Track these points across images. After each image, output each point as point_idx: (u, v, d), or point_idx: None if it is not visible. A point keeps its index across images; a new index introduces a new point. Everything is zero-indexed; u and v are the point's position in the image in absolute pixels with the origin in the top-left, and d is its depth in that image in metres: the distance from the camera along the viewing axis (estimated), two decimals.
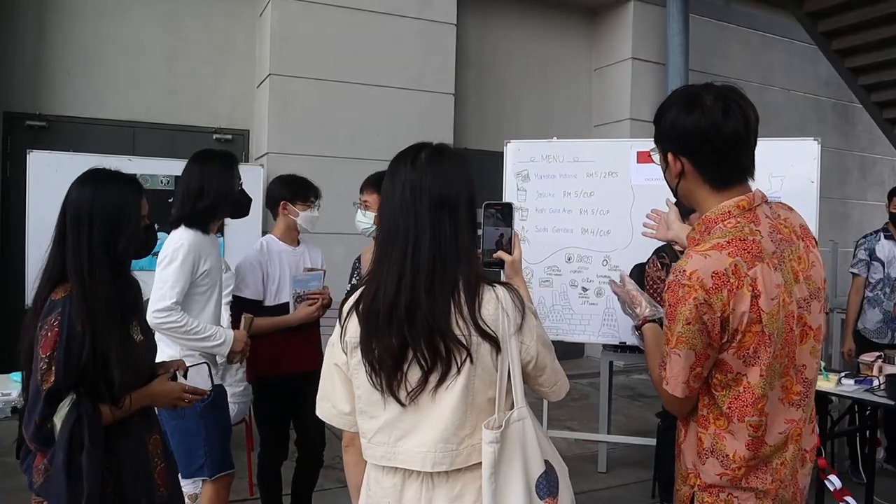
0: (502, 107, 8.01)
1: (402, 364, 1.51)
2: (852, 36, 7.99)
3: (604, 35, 8.68)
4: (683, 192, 1.71)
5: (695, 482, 1.68)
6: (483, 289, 1.53)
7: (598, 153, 4.67)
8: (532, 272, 4.68)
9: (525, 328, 1.55)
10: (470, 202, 1.59)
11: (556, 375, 1.66)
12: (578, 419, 6.00)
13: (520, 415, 1.55)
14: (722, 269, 1.54)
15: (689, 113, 1.63)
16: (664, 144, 1.70)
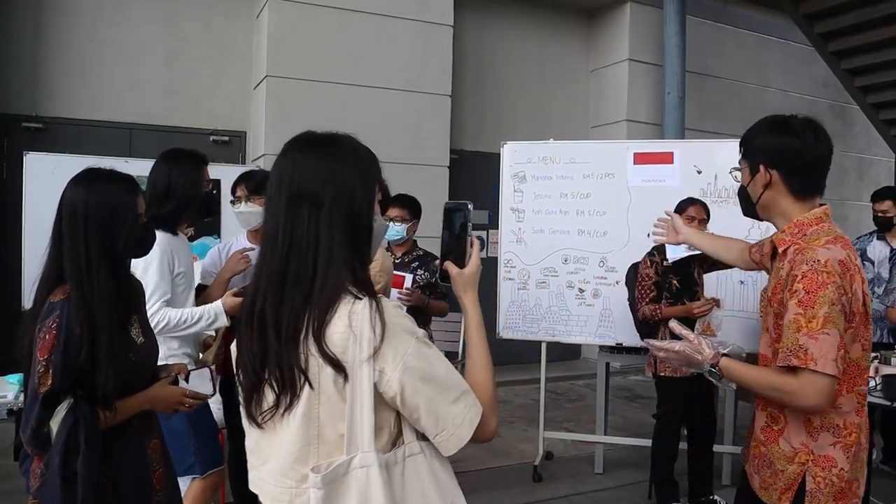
0: (499, 108, 8.02)
1: (260, 382, 1.33)
2: (849, 37, 8.01)
3: (601, 36, 8.69)
4: (767, 200, 1.98)
5: (806, 459, 1.87)
6: (340, 303, 1.29)
7: (594, 154, 4.68)
8: (529, 273, 4.69)
9: (386, 356, 1.26)
10: (344, 200, 1.34)
11: (441, 423, 1.30)
12: (575, 420, 6.00)
13: (363, 461, 1.27)
14: (844, 259, 1.83)
15: (782, 134, 1.93)
16: (756, 158, 1.97)
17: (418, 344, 1.30)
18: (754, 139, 1.99)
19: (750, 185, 2.00)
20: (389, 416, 1.32)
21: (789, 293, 1.83)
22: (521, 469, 4.73)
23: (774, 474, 1.93)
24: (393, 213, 3.97)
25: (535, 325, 4.70)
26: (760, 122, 2.02)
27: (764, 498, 1.96)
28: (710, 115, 8.85)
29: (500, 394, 7.07)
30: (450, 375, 1.33)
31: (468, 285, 1.50)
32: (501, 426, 5.78)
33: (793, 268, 1.85)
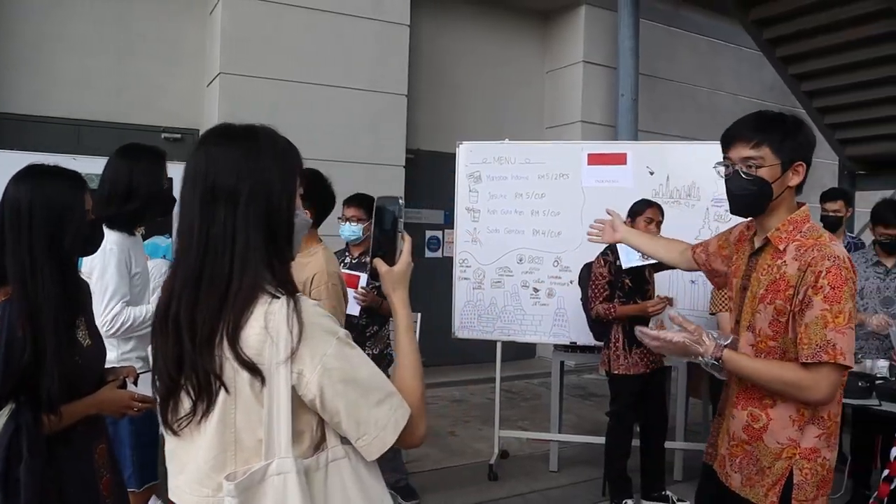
0: (455, 108, 8.03)
1: (176, 388, 1.28)
2: (796, 43, 8.22)
3: (556, 38, 8.77)
4: (784, 197, 1.99)
5: (793, 453, 1.92)
6: (257, 304, 1.24)
7: (549, 155, 4.72)
8: (484, 273, 4.71)
9: (304, 358, 1.22)
10: (262, 195, 1.28)
11: (363, 426, 1.25)
12: (530, 419, 6.05)
13: (280, 468, 1.22)
14: (848, 255, 1.90)
15: (806, 131, 2.01)
16: (793, 154, 1.96)
17: (339, 344, 1.25)
18: (789, 135, 1.96)
19: (778, 181, 1.95)
20: (311, 420, 1.27)
21: (813, 290, 1.84)
22: (476, 468, 4.75)
23: (761, 471, 1.96)
24: (349, 213, 3.95)
25: (491, 325, 4.72)
26: (784, 116, 2.01)
27: (749, 496, 1.99)
28: (663, 117, 8.99)
29: (455, 393, 7.16)
30: (374, 377, 1.28)
31: (398, 283, 1.44)
32: (457, 425, 5.80)
33: (811, 263, 1.86)
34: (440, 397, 6.79)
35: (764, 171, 1.94)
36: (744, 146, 1.96)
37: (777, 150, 1.94)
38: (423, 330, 5.29)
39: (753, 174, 1.94)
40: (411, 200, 7.33)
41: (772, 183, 1.94)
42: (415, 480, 4.32)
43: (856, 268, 1.93)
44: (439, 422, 5.93)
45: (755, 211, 2.01)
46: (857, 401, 3.43)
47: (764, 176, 1.94)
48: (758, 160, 1.94)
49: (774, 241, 1.96)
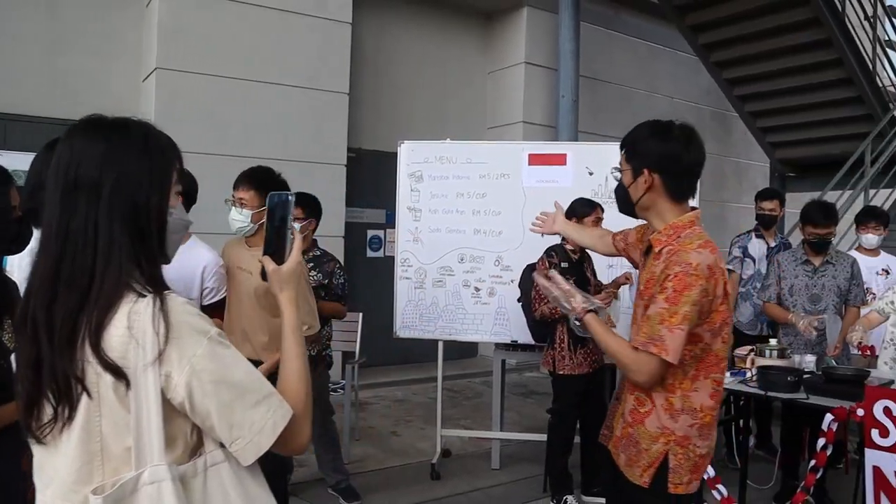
0: (397, 107, 8.02)
1: (37, 393, 1.19)
2: (730, 49, 8.47)
3: (498, 39, 8.83)
4: (647, 201, 2.11)
5: (669, 439, 2.06)
6: (122, 303, 1.17)
7: (490, 155, 4.75)
8: (426, 272, 4.71)
9: (172, 359, 1.15)
10: (127, 189, 1.21)
11: (237, 430, 1.19)
12: (472, 417, 6.07)
13: (153, 476, 1.15)
14: (712, 263, 1.99)
15: (666, 140, 2.06)
16: (641, 161, 2.08)
17: (211, 344, 1.19)
18: (639, 143, 2.11)
19: (632, 186, 2.11)
20: (185, 425, 1.21)
21: (660, 288, 1.99)
22: (419, 467, 4.75)
23: (639, 452, 2.10)
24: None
25: (432, 324, 4.73)
26: (643, 126, 2.14)
27: (627, 475, 2.13)
28: (602, 118, 9.14)
29: (397, 393, 7.15)
30: (250, 378, 1.22)
31: (285, 283, 1.39)
32: (399, 425, 5.79)
33: (667, 267, 2.00)
34: (382, 397, 6.77)
35: (624, 177, 2.14)
36: (621, 153, 2.17)
37: (630, 157, 2.12)
38: (364, 330, 5.30)
39: (619, 180, 2.16)
40: (353, 200, 7.29)
41: (627, 188, 2.12)
42: (357, 481, 4.29)
43: (718, 274, 2.02)
44: (381, 422, 5.91)
45: (627, 212, 2.19)
46: (786, 395, 3.54)
47: (623, 181, 2.14)
48: (620, 167, 2.16)
49: (654, 244, 2.11)
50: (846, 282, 4.17)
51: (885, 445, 3.06)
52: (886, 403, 3.06)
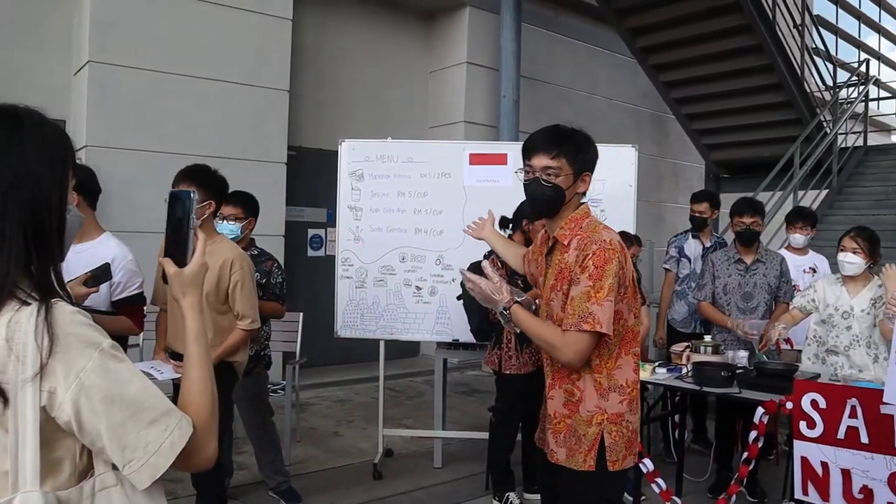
0: (339, 105, 7.95)
1: None
2: (667, 53, 8.66)
3: (440, 38, 8.84)
4: (571, 203, 2.24)
5: (601, 419, 2.18)
6: (3, 310, 1.07)
7: (431, 154, 4.75)
8: (367, 272, 4.68)
9: (57, 374, 1.04)
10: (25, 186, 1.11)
11: (130, 451, 1.08)
12: (414, 417, 6.07)
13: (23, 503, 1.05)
14: (618, 240, 2.16)
15: (593, 145, 2.26)
16: (584, 166, 2.23)
17: (102, 357, 1.07)
18: (581, 149, 2.23)
19: (570, 188, 2.22)
20: (73, 446, 1.11)
21: (580, 269, 2.12)
22: (361, 468, 4.72)
23: (579, 440, 2.19)
24: (227, 211, 3.83)
25: (374, 324, 4.70)
26: (574, 132, 2.25)
27: (572, 465, 2.21)
28: (543, 118, 9.13)
29: (339, 393, 7.08)
30: (146, 394, 1.11)
31: (188, 287, 1.28)
32: (341, 425, 5.74)
33: (584, 248, 2.13)
34: (324, 397, 6.71)
35: (560, 179, 2.19)
36: (545, 156, 2.19)
37: (572, 161, 2.20)
38: (305, 329, 5.24)
39: (552, 182, 2.19)
40: (294, 198, 7.21)
41: (565, 190, 2.20)
42: (298, 483, 4.24)
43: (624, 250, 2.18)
44: (323, 422, 5.85)
45: (550, 213, 2.25)
46: (720, 390, 3.63)
47: (560, 184, 2.19)
48: (556, 170, 2.18)
49: (560, 238, 2.22)
50: (776, 279, 4.30)
51: (811, 437, 3.17)
52: (814, 396, 3.17)
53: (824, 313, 3.82)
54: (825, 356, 3.80)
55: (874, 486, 3.03)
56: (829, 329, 3.80)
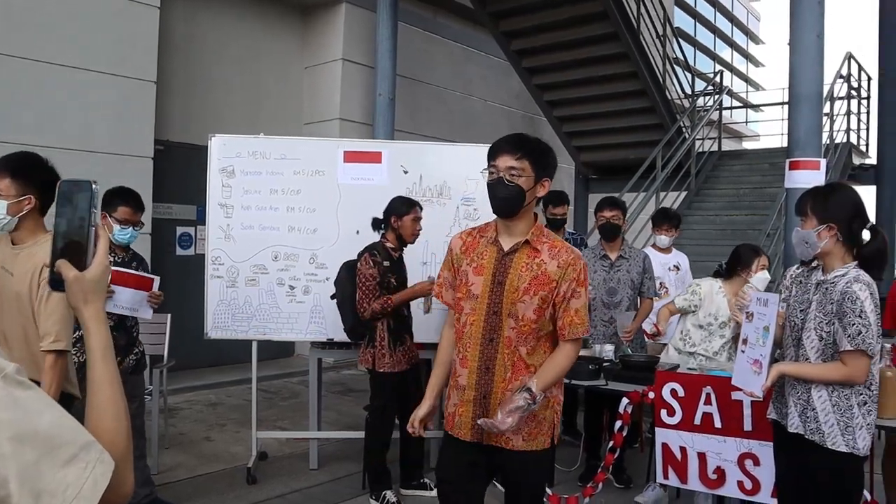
0: (209, 99, 7.68)
1: None
2: (539, 56, 8.92)
3: (316, 34, 8.71)
4: (530, 206, 2.39)
5: (553, 401, 2.42)
6: None
7: (305, 151, 4.67)
8: (238, 271, 4.55)
9: None
10: None
11: (47, 498, 0.85)
12: (289, 418, 5.96)
13: None
14: None
15: (553, 154, 2.46)
16: (545, 171, 2.37)
17: (7, 386, 0.86)
18: (545, 155, 2.39)
19: (530, 190, 2.35)
20: None
21: (578, 283, 2.35)
22: (234, 472, 4.58)
23: (539, 423, 2.38)
24: (125, 215, 3.66)
25: (246, 324, 4.58)
26: (539, 140, 2.42)
27: (533, 447, 2.38)
28: (418, 117, 9.29)
29: (210, 396, 6.85)
30: (61, 424, 0.90)
31: (91, 293, 1.09)
32: (213, 430, 5.56)
33: (570, 264, 2.35)
34: (194, 401, 6.47)
35: (522, 180, 2.30)
36: (509, 158, 2.30)
37: (535, 165, 2.32)
38: (173, 331, 5.03)
39: (514, 182, 2.29)
40: (161, 195, 6.90)
41: (526, 191, 2.31)
42: (166, 492, 4.07)
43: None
44: (193, 427, 5.64)
45: (511, 213, 2.34)
46: (588, 382, 3.78)
47: (522, 185, 2.30)
48: (519, 171, 2.29)
49: (533, 243, 2.36)
50: (639, 275, 4.52)
51: (671, 424, 3.36)
52: (673, 386, 3.36)
53: (703, 320, 4.04)
54: (689, 357, 4.03)
55: (726, 467, 3.25)
56: (705, 335, 4.03)
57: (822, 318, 2.46)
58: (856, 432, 2.42)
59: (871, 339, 2.35)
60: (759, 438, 3.13)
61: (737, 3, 27.54)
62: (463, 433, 2.42)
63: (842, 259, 2.50)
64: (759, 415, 2.98)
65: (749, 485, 3.20)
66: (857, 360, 2.37)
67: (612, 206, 4.56)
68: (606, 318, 4.47)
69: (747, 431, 3.17)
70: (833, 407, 2.44)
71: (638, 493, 4.20)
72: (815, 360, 2.48)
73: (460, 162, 4.74)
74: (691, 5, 22.56)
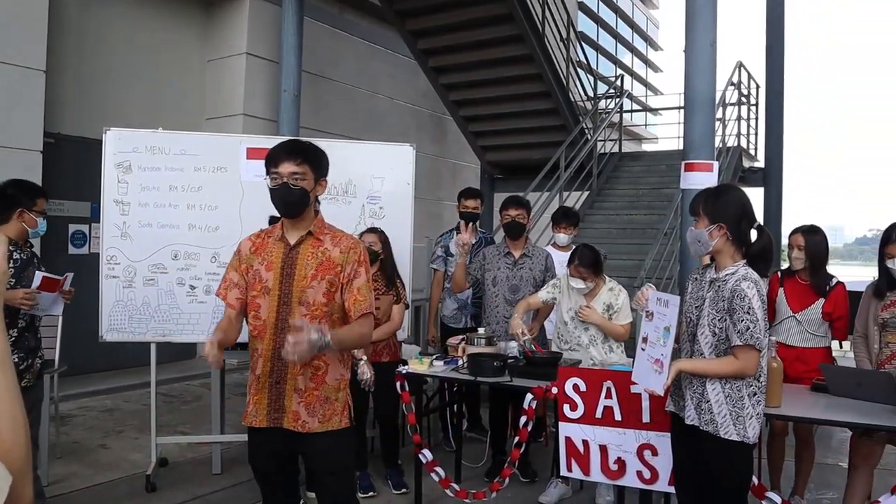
0: (105, 91, 7.35)
1: None
2: (446, 56, 8.98)
3: (219, 26, 8.49)
4: (311, 206, 2.58)
5: (344, 384, 2.62)
6: None
7: (206, 147, 4.53)
8: (135, 270, 4.38)
9: None
10: None
11: None
12: (191, 422, 5.78)
13: None
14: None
15: (324, 156, 2.64)
16: (322, 173, 2.59)
17: None
18: (319, 158, 2.59)
19: (312, 191, 2.55)
20: None
21: (358, 264, 2.56)
22: (132, 481, 4.41)
23: (332, 405, 2.57)
24: (42, 207, 3.53)
25: (144, 326, 4.41)
26: (313, 144, 2.61)
27: (328, 428, 2.54)
28: (324, 115, 9.19)
29: (106, 402, 6.59)
30: None
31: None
32: (109, 437, 5.35)
33: (351, 248, 2.56)
34: (88, 408, 6.18)
35: (305, 182, 2.50)
36: (291, 164, 2.49)
37: (313, 168, 2.53)
38: (65, 334, 4.80)
39: (299, 185, 2.49)
40: (52, 191, 6.55)
41: (309, 192, 2.52)
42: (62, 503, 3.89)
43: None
44: (88, 435, 5.39)
45: (299, 213, 2.54)
46: (493, 379, 3.82)
47: (305, 187, 2.50)
48: (301, 175, 2.49)
49: (316, 234, 2.57)
50: (541, 273, 4.62)
51: (573, 418, 3.44)
52: (575, 381, 3.44)
53: (566, 315, 4.18)
54: (568, 354, 4.15)
55: (626, 458, 3.36)
56: (571, 329, 4.18)
57: (715, 315, 2.58)
58: (746, 422, 2.55)
59: (759, 334, 2.48)
60: (656, 430, 3.25)
61: (637, 11, 28.50)
62: (259, 420, 2.58)
63: (732, 257, 2.62)
64: (657, 407, 3.09)
65: (648, 474, 3.31)
66: (748, 354, 2.50)
67: (518, 206, 4.64)
68: (509, 316, 4.54)
69: (646, 423, 3.29)
70: (726, 398, 2.56)
71: (543, 486, 4.29)
72: (708, 355, 2.60)
73: (366, 160, 4.73)
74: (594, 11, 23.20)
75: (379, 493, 4.32)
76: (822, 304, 3.88)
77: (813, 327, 3.91)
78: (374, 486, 4.34)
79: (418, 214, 4.91)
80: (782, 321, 3.98)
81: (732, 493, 2.62)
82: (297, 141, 2.63)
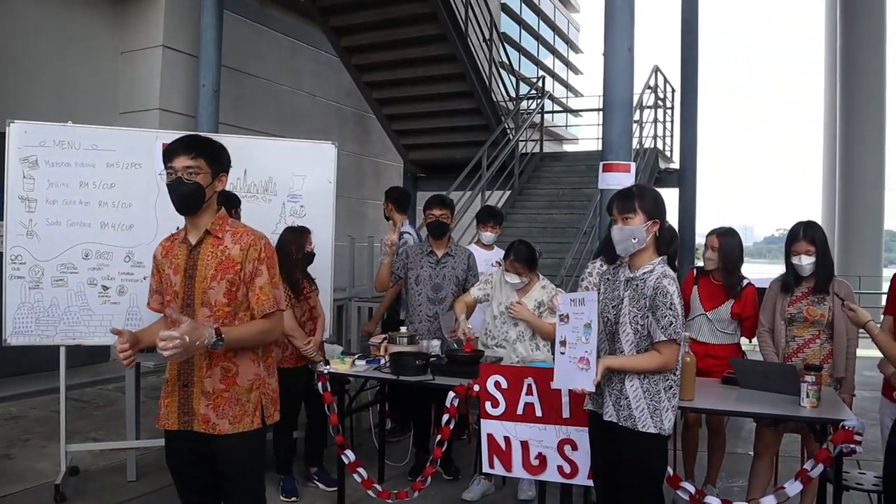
0: (9, 82, 7.00)
1: None
2: (369, 54, 8.94)
3: (133, 17, 8.21)
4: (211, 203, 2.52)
5: (259, 384, 2.55)
6: None
7: (120, 142, 4.37)
8: (43, 270, 4.19)
9: None
10: None
11: None
12: (105, 428, 5.58)
13: None
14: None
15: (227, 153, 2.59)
16: (221, 168, 2.53)
17: None
18: (217, 152, 2.53)
19: (209, 186, 2.49)
20: None
21: (258, 262, 2.48)
22: (40, 491, 4.22)
23: (243, 406, 2.52)
24: None
25: (52, 328, 4.23)
26: (213, 140, 2.57)
27: (237, 430, 2.50)
28: (245, 111, 9.01)
29: (11, 409, 6.30)
30: None
31: None
32: (14, 446, 5.12)
33: (251, 246, 2.49)
34: None
35: (200, 177, 2.44)
36: (185, 158, 2.43)
37: (210, 162, 2.47)
38: None
39: (192, 180, 2.43)
40: None
41: (205, 187, 2.45)
42: None
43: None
44: None
45: (194, 209, 2.48)
46: (416, 377, 3.83)
47: (200, 182, 2.44)
48: (196, 169, 2.43)
49: (215, 232, 2.50)
50: (464, 272, 4.65)
51: (495, 415, 3.48)
52: (497, 378, 3.48)
53: (496, 310, 4.21)
54: (495, 348, 4.19)
55: (547, 453, 3.41)
56: (500, 324, 4.20)
57: (637, 313, 2.65)
58: (663, 414, 2.63)
59: (679, 329, 2.59)
60: (576, 425, 3.31)
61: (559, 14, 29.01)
62: (171, 423, 2.57)
63: (650, 255, 2.70)
64: (576, 402, 3.15)
65: (568, 469, 3.38)
66: (670, 348, 2.60)
67: (442, 205, 4.65)
68: (431, 314, 4.55)
69: (565, 419, 3.34)
70: (644, 393, 2.64)
71: (467, 483, 4.32)
72: (629, 352, 2.67)
73: (287, 158, 4.66)
74: (516, 12, 23.49)
75: (301, 497, 4.26)
76: (732, 304, 4.03)
77: (723, 325, 4.06)
78: (298, 491, 4.29)
79: (341, 213, 4.87)
80: (695, 318, 4.12)
81: (649, 484, 2.70)
82: (194, 135, 2.61)
